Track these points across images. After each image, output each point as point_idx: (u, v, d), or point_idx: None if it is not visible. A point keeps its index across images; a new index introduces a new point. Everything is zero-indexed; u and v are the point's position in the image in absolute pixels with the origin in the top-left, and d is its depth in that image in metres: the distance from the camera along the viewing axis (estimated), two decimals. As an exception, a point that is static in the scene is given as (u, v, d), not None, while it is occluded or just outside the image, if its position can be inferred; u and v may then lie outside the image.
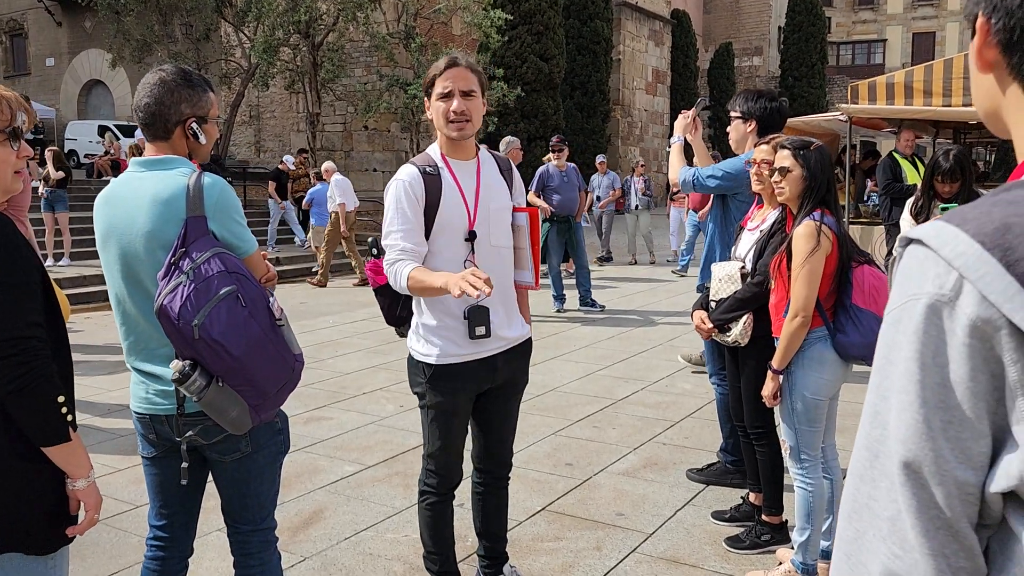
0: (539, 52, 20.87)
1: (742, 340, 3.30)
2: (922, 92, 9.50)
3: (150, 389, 2.20)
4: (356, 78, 19.40)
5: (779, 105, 3.81)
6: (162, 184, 2.10)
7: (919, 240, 0.74)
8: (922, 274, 0.73)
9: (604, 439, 4.92)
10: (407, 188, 2.56)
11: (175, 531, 2.37)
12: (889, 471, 0.72)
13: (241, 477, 2.27)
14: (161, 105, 2.13)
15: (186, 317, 1.96)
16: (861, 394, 5.53)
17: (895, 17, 42.82)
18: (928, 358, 0.71)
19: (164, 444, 2.26)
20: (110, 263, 2.18)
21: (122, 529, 3.68)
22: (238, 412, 2.07)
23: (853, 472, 0.77)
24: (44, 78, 29.67)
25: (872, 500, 0.74)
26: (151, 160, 2.17)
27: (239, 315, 2.01)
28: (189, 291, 1.98)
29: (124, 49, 20.09)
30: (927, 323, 0.71)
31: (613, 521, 3.75)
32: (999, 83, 0.80)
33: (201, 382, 2.00)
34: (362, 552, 3.46)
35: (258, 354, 2.04)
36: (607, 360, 7.04)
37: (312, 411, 5.53)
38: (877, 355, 0.77)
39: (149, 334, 2.16)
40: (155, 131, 2.16)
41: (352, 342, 7.90)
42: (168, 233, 2.07)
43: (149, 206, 2.09)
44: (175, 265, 2.02)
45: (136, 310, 2.16)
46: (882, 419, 0.74)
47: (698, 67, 32.58)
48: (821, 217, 2.89)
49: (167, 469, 2.29)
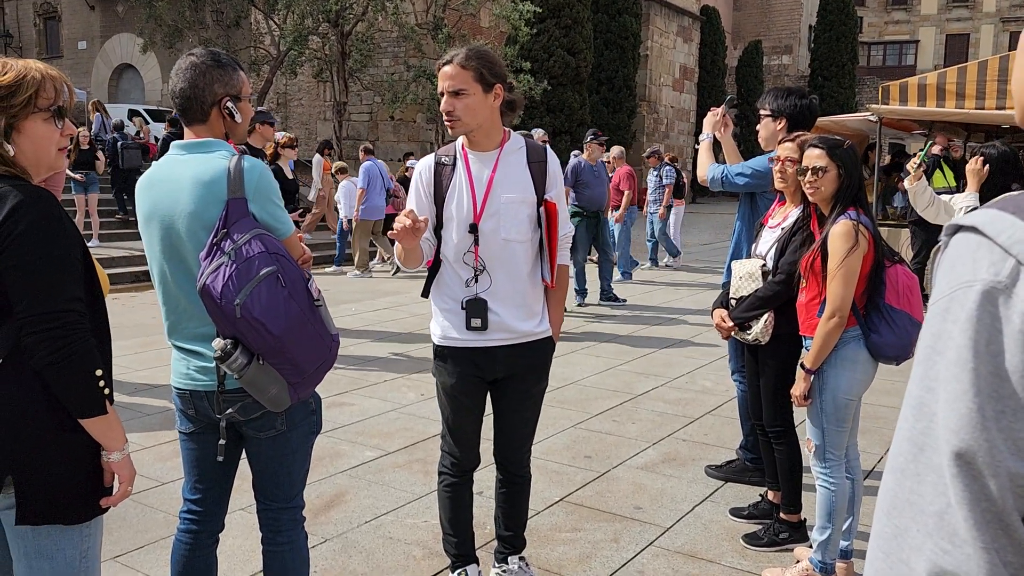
0: (567, 46, 20.83)
1: (763, 338, 3.30)
2: (955, 94, 9.40)
3: (191, 366, 2.24)
4: (384, 68, 19.48)
5: (809, 103, 3.79)
6: (204, 166, 2.15)
7: (972, 227, 0.72)
8: (975, 261, 0.71)
9: (623, 433, 4.93)
10: (419, 176, 2.75)
11: (209, 505, 2.42)
12: (937, 464, 0.70)
13: (275, 454, 2.32)
14: (195, 88, 2.18)
15: (228, 296, 2.01)
16: (884, 396, 5.51)
17: (929, 18, 42.23)
18: (982, 346, 0.68)
19: (202, 420, 2.30)
20: (152, 244, 2.23)
21: (149, 505, 3.75)
22: (277, 390, 2.13)
23: (893, 468, 0.75)
24: (76, 61, 30.02)
25: (916, 495, 0.71)
26: (192, 143, 2.22)
27: (279, 295, 2.06)
28: (231, 271, 2.03)
29: (155, 34, 20.29)
30: (981, 310, 0.69)
31: (631, 514, 3.76)
32: None
33: (242, 360, 2.06)
34: (382, 536, 3.50)
35: (297, 333, 2.09)
36: (627, 355, 7.05)
37: (334, 396, 5.58)
38: (921, 346, 0.75)
39: (191, 313, 2.21)
40: (193, 115, 2.21)
41: (374, 330, 7.95)
42: (210, 214, 2.12)
43: (191, 188, 2.14)
44: (217, 246, 2.07)
45: (178, 289, 2.21)
46: (928, 411, 0.72)
47: (726, 64, 32.34)
48: (858, 216, 2.88)
49: (204, 445, 2.34)
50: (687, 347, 7.39)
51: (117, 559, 3.25)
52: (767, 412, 3.42)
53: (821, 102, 16.20)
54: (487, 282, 2.68)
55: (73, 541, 1.88)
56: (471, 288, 2.69)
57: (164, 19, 19.91)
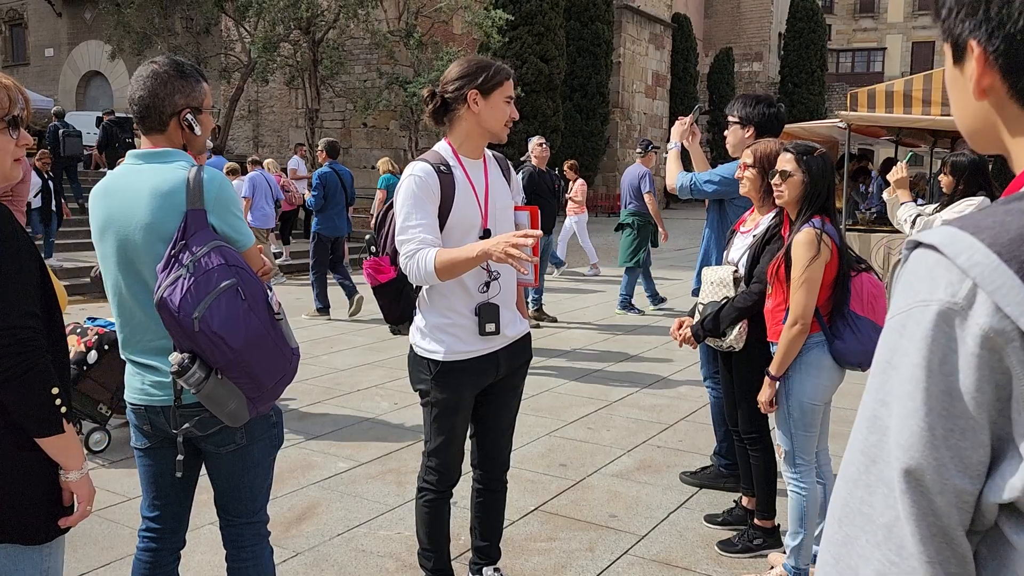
0: (539, 53, 20.89)
1: (737, 345, 3.31)
2: (921, 101, 9.53)
3: (146, 380, 2.20)
4: (356, 75, 19.41)
5: (777, 111, 3.82)
6: (161, 177, 2.11)
7: (931, 245, 0.73)
8: (932, 280, 0.71)
9: (598, 440, 4.92)
10: (423, 183, 2.53)
11: (168, 523, 2.37)
12: (887, 477, 0.72)
13: (236, 469, 2.28)
14: (155, 97, 2.13)
15: (186, 310, 1.97)
16: (854, 400, 5.55)
17: (895, 26, 42.94)
18: (935, 365, 0.70)
19: (158, 435, 2.25)
20: (107, 255, 2.18)
21: (114, 521, 3.68)
22: (236, 404, 2.09)
23: (846, 477, 0.76)
24: (43, 69, 29.60)
25: (867, 506, 0.73)
26: (149, 153, 2.17)
27: (239, 308, 2.02)
28: (189, 284, 1.98)
29: (124, 41, 20.07)
30: (936, 330, 0.70)
31: (606, 522, 3.75)
32: (996, 106, 0.80)
33: (200, 374, 2.01)
34: (354, 548, 3.45)
35: (257, 347, 2.05)
36: (602, 362, 7.05)
37: (306, 407, 5.52)
38: (877, 359, 0.76)
39: (146, 326, 2.17)
40: (151, 123, 2.16)
41: (346, 339, 7.89)
42: (167, 225, 2.08)
43: (148, 198, 2.09)
44: (175, 258, 2.03)
45: (133, 302, 2.16)
46: (881, 424, 0.73)
47: (698, 71, 32.62)
48: (822, 225, 2.89)
49: (161, 460, 2.29)
50: (661, 353, 7.41)
51: (82, 577, 3.18)
52: (742, 418, 3.42)
53: (791, 108, 16.45)
54: (498, 287, 2.66)
55: (33, 561, 1.83)
56: (484, 294, 2.64)
57: (132, 26, 19.71)
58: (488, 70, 2.57)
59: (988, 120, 0.81)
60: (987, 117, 0.81)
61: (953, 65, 0.83)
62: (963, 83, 0.81)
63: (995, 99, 0.79)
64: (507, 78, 2.61)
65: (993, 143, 0.84)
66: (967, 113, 0.84)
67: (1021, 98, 0.77)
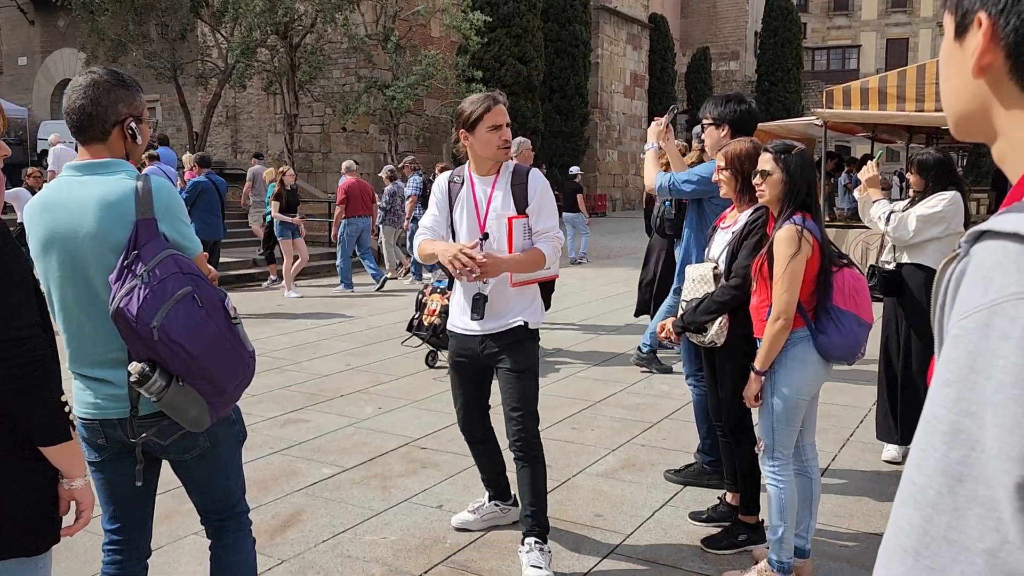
0: (518, 55, 20.93)
1: (718, 340, 3.33)
2: (896, 97, 9.64)
3: (98, 394, 2.17)
4: (334, 79, 19.32)
5: (748, 107, 3.85)
6: (107, 187, 2.09)
7: (1014, 234, 0.66)
8: (1021, 270, 0.64)
9: (582, 440, 4.93)
10: (438, 187, 3.35)
11: (131, 533, 2.36)
12: (986, 496, 0.63)
13: (205, 472, 2.30)
14: (98, 106, 2.11)
15: (144, 319, 1.97)
16: (837, 395, 5.60)
17: (869, 23, 43.36)
18: None
19: (114, 447, 2.23)
20: (51, 269, 2.13)
21: (96, 533, 3.63)
22: (197, 411, 2.09)
23: (922, 502, 0.67)
24: (16, 77, 29.27)
25: (956, 532, 0.64)
26: (90, 164, 2.14)
27: (196, 315, 2.03)
28: (145, 293, 1.98)
29: (98, 49, 19.83)
30: None
31: (591, 522, 3.76)
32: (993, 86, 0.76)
33: (161, 383, 2.01)
34: (340, 554, 3.44)
35: (216, 352, 2.07)
36: (585, 362, 7.06)
37: (289, 413, 5.49)
38: (949, 367, 0.67)
39: (95, 339, 2.14)
40: (92, 133, 2.13)
41: (329, 344, 7.86)
42: (117, 236, 2.06)
43: (96, 209, 2.06)
44: (128, 268, 2.02)
45: (83, 315, 2.13)
46: (968, 438, 0.64)
47: (676, 71, 32.81)
48: (803, 221, 2.92)
49: (118, 471, 2.27)
50: (644, 352, 7.43)
51: (64, 590, 3.14)
52: (727, 414, 3.45)
53: (768, 107, 16.63)
54: (490, 284, 3.18)
55: (31, 572, 1.82)
56: (480, 287, 3.18)
57: (107, 33, 19.48)
58: (467, 110, 3.16)
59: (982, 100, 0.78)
60: (982, 97, 0.77)
61: (954, 39, 0.79)
62: (961, 59, 0.78)
63: (992, 78, 0.76)
64: (487, 111, 3.12)
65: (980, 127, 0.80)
66: (961, 92, 0.80)
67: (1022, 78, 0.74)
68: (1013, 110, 0.76)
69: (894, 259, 4.51)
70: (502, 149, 3.17)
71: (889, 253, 4.60)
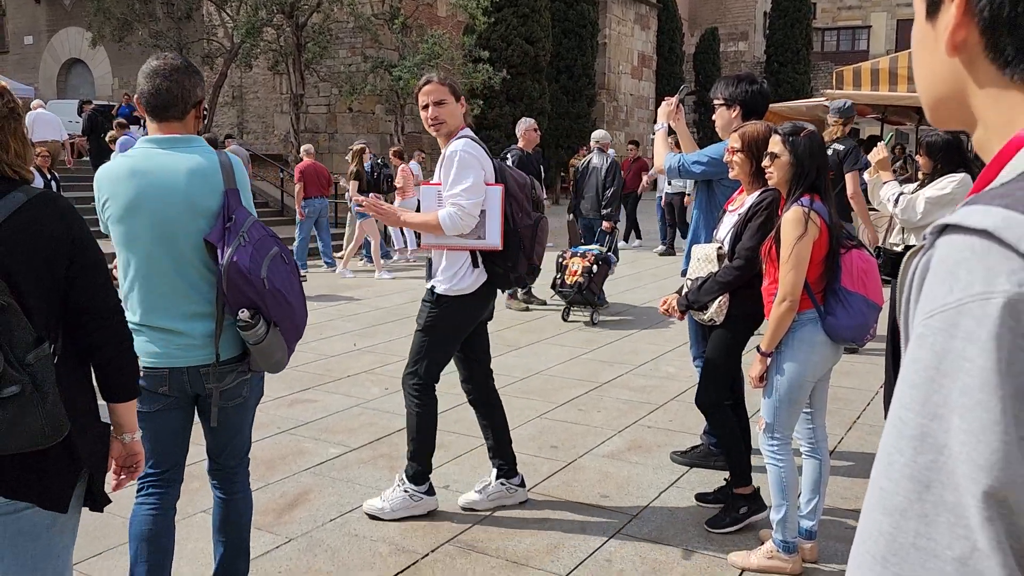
0: (525, 35, 20.77)
1: (717, 319, 3.39)
2: (906, 78, 9.56)
3: (170, 344, 2.38)
4: (340, 59, 19.24)
5: (760, 88, 3.82)
6: (198, 159, 2.36)
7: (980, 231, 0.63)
8: (988, 269, 0.62)
9: (589, 422, 4.94)
10: None
11: (172, 473, 2.59)
12: (953, 503, 0.61)
13: (237, 421, 2.57)
14: (182, 88, 2.35)
15: (255, 271, 2.30)
16: (843, 378, 5.59)
17: (879, 3, 42.85)
18: (1004, 366, 0.60)
19: (172, 396, 2.44)
20: (137, 230, 2.33)
21: (106, 511, 3.66)
22: (281, 355, 2.44)
23: (889, 508, 0.65)
24: (23, 57, 29.21)
25: (925, 539, 0.63)
26: (171, 139, 2.37)
27: (285, 270, 2.40)
28: (251, 250, 2.30)
29: (104, 28, 19.78)
30: (1003, 326, 0.60)
31: (597, 503, 3.77)
32: (968, 65, 0.73)
33: (263, 327, 2.34)
34: (347, 533, 3.46)
35: (299, 303, 2.45)
36: (591, 344, 7.06)
37: (297, 393, 5.52)
38: (915, 368, 0.65)
39: (182, 293, 2.37)
40: (173, 113, 2.37)
41: (336, 325, 7.87)
42: (207, 202, 2.34)
43: (188, 178, 2.33)
44: (230, 230, 2.32)
45: (172, 271, 2.35)
46: (935, 442, 0.63)
47: (684, 52, 32.54)
48: (810, 203, 2.91)
49: (170, 421, 2.50)
50: (650, 334, 7.43)
51: (75, 566, 3.16)
52: (702, 385, 3.52)
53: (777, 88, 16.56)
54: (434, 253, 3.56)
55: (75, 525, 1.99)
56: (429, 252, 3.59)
57: (113, 12, 19.43)
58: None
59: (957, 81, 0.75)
60: (956, 77, 0.74)
61: (926, 20, 0.77)
62: (934, 40, 0.75)
63: (967, 57, 0.73)
64: (418, 91, 3.41)
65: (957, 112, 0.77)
66: (935, 75, 0.77)
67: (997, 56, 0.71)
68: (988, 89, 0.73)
69: (902, 241, 4.49)
70: (431, 126, 3.39)
71: (898, 235, 4.58)
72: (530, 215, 3.50)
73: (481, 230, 3.38)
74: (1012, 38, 0.69)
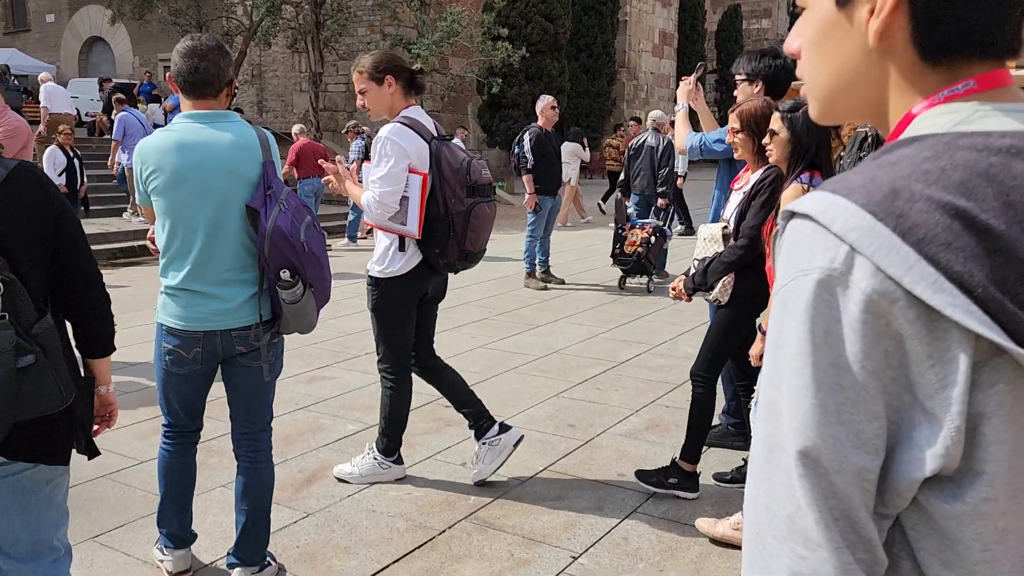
0: (544, 12, 20.57)
1: (722, 298, 3.37)
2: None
3: (208, 308, 2.56)
4: (359, 37, 19.16)
5: (784, 62, 3.75)
6: (239, 133, 2.55)
7: (806, 215, 0.69)
8: (810, 249, 0.67)
9: (606, 401, 4.93)
10: None
11: (192, 423, 2.83)
12: (785, 464, 0.67)
13: (263, 383, 2.72)
14: (219, 68, 2.52)
15: (295, 234, 2.48)
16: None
17: (907, -20, 42.13)
18: (820, 337, 0.66)
19: (204, 359, 2.62)
20: (185, 198, 2.50)
21: (127, 484, 3.71)
22: (312, 316, 2.63)
23: (751, 472, 0.71)
24: (44, 34, 29.36)
25: (769, 499, 0.68)
26: (209, 114, 2.54)
27: (319, 236, 2.58)
28: (291, 216, 2.50)
29: (124, 5, 19.84)
30: (818, 300, 0.66)
31: (615, 481, 3.77)
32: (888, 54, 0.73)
33: (301, 287, 2.52)
34: (364, 509, 3.48)
35: (328, 268, 2.62)
36: (610, 323, 7.04)
37: (315, 370, 5.54)
38: (768, 342, 0.71)
39: (224, 256, 2.54)
40: (211, 90, 2.53)
41: (354, 303, 7.89)
42: (249, 172, 2.53)
43: (233, 150, 2.51)
44: (270, 197, 2.50)
45: (219, 236, 2.53)
46: (776, 409, 0.68)
47: (705, 29, 32.14)
48: (810, 180, 2.87)
49: (194, 382, 2.70)
50: (669, 314, 7.39)
51: (96, 539, 3.21)
52: (700, 357, 3.50)
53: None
54: None
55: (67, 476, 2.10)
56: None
57: (132, -10, 19.46)
58: None
59: (871, 71, 0.74)
60: (872, 68, 0.74)
61: (836, 10, 0.75)
62: (846, 30, 0.74)
63: (887, 45, 0.72)
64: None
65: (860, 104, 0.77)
66: (843, 66, 0.76)
67: (922, 47, 0.71)
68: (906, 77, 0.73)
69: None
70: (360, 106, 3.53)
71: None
72: (463, 201, 3.37)
73: (403, 216, 3.36)
74: (943, 26, 0.70)
